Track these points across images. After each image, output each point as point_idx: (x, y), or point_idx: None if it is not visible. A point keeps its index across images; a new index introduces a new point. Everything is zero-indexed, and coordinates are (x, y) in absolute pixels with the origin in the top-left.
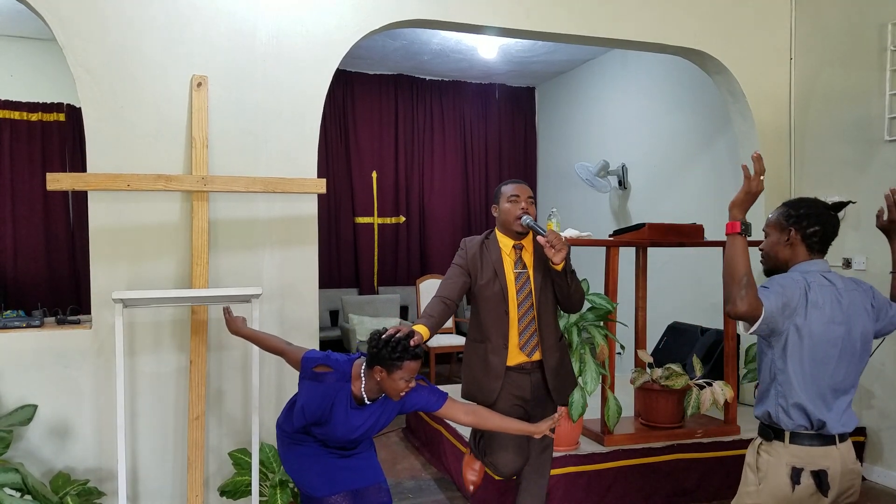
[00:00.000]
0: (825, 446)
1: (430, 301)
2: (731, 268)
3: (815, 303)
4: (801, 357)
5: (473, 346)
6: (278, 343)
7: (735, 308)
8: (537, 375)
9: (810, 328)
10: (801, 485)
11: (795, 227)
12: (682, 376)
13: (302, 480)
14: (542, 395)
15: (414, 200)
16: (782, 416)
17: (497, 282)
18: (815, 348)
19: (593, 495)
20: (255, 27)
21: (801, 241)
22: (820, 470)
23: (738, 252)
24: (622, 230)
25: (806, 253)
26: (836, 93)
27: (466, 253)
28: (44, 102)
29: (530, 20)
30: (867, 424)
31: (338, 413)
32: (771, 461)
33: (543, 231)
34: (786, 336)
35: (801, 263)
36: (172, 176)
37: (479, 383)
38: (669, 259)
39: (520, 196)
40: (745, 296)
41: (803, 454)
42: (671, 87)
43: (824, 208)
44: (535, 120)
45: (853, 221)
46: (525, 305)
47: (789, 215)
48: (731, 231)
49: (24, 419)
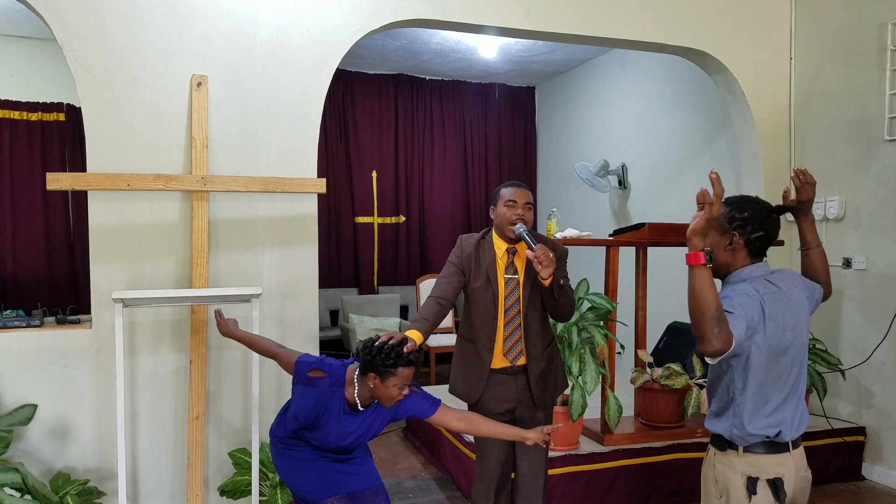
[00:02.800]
0: (779, 454)
1: (425, 301)
2: (701, 303)
3: (771, 315)
4: (761, 372)
5: (462, 344)
6: (271, 346)
7: (711, 346)
8: (522, 379)
9: (768, 342)
10: (758, 494)
11: (739, 232)
12: (683, 376)
13: (297, 485)
14: (526, 399)
15: (414, 200)
16: (736, 436)
17: (489, 286)
18: (772, 360)
19: (593, 495)
20: (255, 27)
21: (743, 246)
22: (776, 478)
23: (706, 285)
24: (622, 230)
25: (747, 257)
26: (835, 92)
27: (462, 251)
28: (44, 102)
29: (530, 20)
30: (867, 424)
31: (330, 418)
32: (726, 472)
33: (534, 245)
34: (746, 356)
35: (744, 269)
36: (172, 176)
37: (465, 382)
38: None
39: (517, 202)
40: (720, 333)
41: (759, 463)
42: (671, 87)
43: (768, 211)
44: (534, 119)
45: (853, 221)
46: (512, 311)
47: (733, 218)
48: (694, 262)
49: (24, 419)
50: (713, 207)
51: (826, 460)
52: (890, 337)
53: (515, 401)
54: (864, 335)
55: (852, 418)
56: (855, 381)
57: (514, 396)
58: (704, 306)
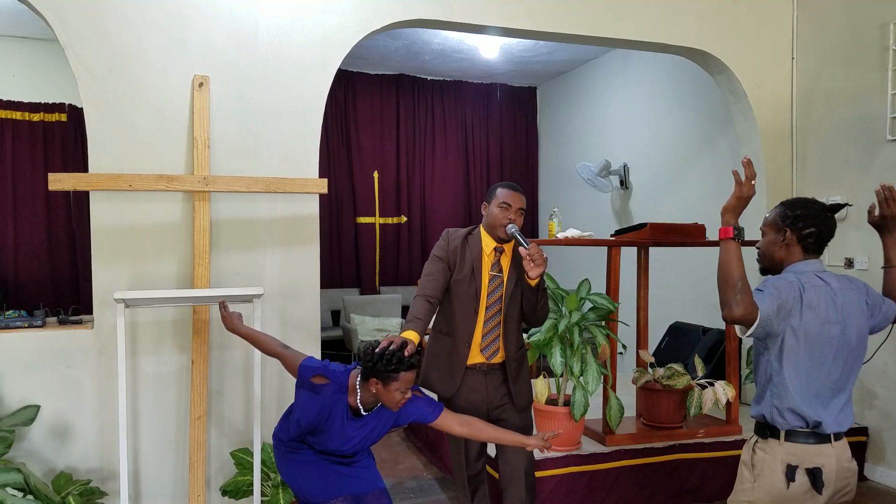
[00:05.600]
0: (820, 444)
1: (413, 301)
2: (726, 273)
3: (810, 304)
4: (797, 358)
5: (438, 338)
6: (275, 346)
7: (731, 312)
8: (495, 376)
9: (806, 329)
10: (796, 482)
11: (791, 228)
12: (684, 376)
13: (300, 487)
14: (501, 397)
15: (415, 200)
16: (777, 418)
17: (473, 281)
18: (812, 349)
19: (595, 495)
20: (256, 27)
21: (796, 242)
22: (815, 468)
23: (732, 257)
24: (624, 230)
25: (801, 253)
26: (837, 92)
27: (448, 245)
28: (45, 103)
29: (532, 20)
30: (869, 425)
31: (334, 424)
32: (766, 459)
33: (527, 244)
34: (782, 338)
35: (796, 264)
36: (174, 176)
37: (440, 377)
38: (671, 259)
39: (511, 206)
40: (741, 300)
41: (798, 452)
42: (673, 87)
43: (821, 210)
44: (536, 120)
45: (855, 222)
46: (493, 309)
47: (786, 216)
48: (724, 236)
49: (27, 419)
50: (743, 188)
51: None
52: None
53: (488, 398)
54: None
55: (855, 419)
56: (857, 382)
57: (485, 393)
58: (729, 275)
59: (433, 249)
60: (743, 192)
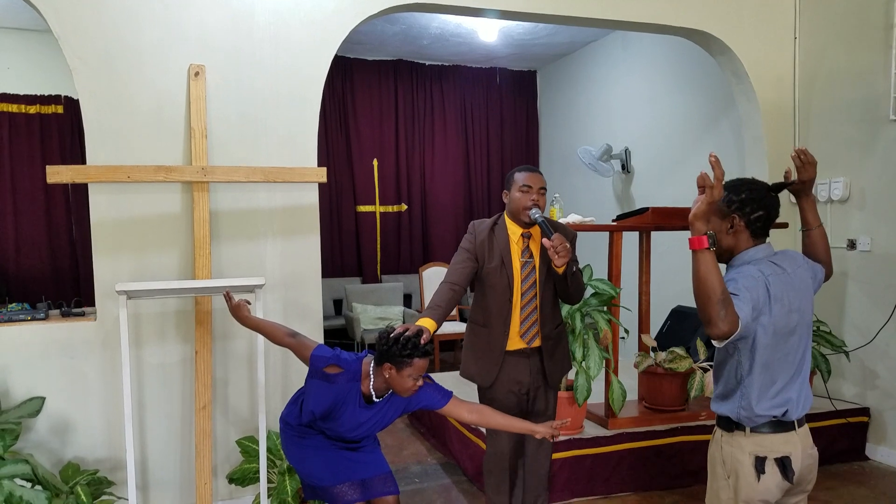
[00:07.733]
0: (786, 433)
1: (438, 287)
2: (706, 288)
3: (776, 296)
4: (766, 353)
5: (475, 330)
6: (285, 336)
7: (718, 330)
8: (535, 360)
9: (774, 322)
10: (766, 473)
11: (739, 214)
12: (686, 359)
13: (308, 472)
14: (539, 380)
15: (415, 188)
16: (744, 417)
17: (504, 270)
18: (779, 341)
19: (598, 478)
20: (252, 12)
21: (744, 228)
22: (783, 457)
23: (711, 268)
24: (625, 214)
25: (749, 239)
26: (840, 72)
27: (475, 237)
28: (42, 95)
29: (530, 2)
30: (871, 405)
31: (346, 411)
32: (735, 453)
33: (551, 233)
34: (753, 338)
35: (747, 251)
36: (172, 167)
37: (480, 367)
38: (673, 243)
39: (532, 187)
40: (725, 315)
41: (766, 442)
42: (674, 69)
43: (766, 190)
44: (536, 104)
45: (858, 202)
46: (529, 295)
47: (731, 201)
48: (698, 247)
49: (33, 411)
50: (714, 191)
51: (830, 441)
52: (894, 318)
53: (529, 381)
54: (868, 317)
55: (856, 399)
56: (859, 363)
57: (528, 377)
58: (710, 290)
59: (461, 242)
60: (714, 195)
